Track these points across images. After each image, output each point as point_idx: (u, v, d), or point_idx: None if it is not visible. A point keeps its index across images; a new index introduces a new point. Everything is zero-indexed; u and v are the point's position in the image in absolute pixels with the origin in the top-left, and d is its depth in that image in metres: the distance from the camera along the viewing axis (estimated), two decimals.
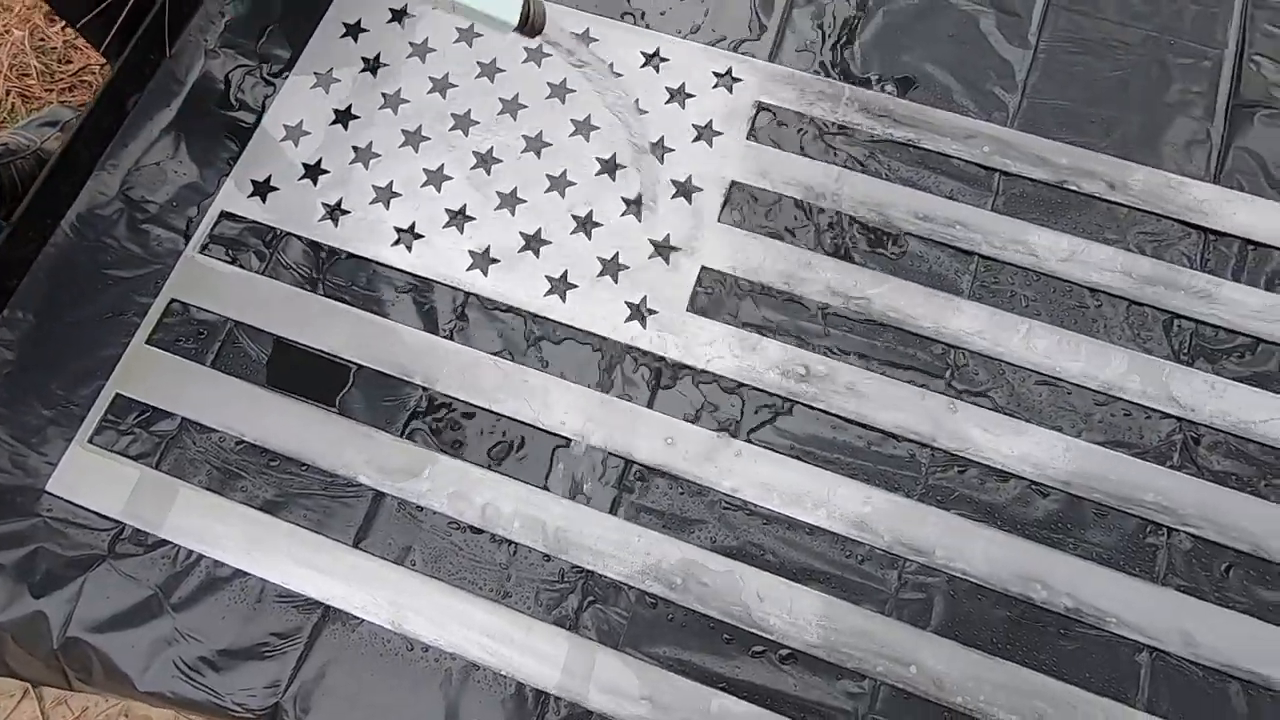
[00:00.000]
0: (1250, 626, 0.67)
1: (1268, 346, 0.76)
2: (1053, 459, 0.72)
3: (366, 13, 0.92)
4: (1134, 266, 0.79)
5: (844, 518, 0.70)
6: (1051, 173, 0.83)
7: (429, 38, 0.91)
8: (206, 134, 0.88)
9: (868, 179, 0.84)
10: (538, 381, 0.76)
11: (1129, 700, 0.65)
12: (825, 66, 0.89)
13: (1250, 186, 0.83)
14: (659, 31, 0.90)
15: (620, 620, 0.68)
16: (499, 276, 0.80)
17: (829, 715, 0.65)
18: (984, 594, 0.68)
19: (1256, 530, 0.69)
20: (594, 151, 0.85)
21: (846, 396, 0.75)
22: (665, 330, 0.78)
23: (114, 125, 0.88)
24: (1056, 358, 0.76)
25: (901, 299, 0.78)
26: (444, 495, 0.72)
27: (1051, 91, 0.87)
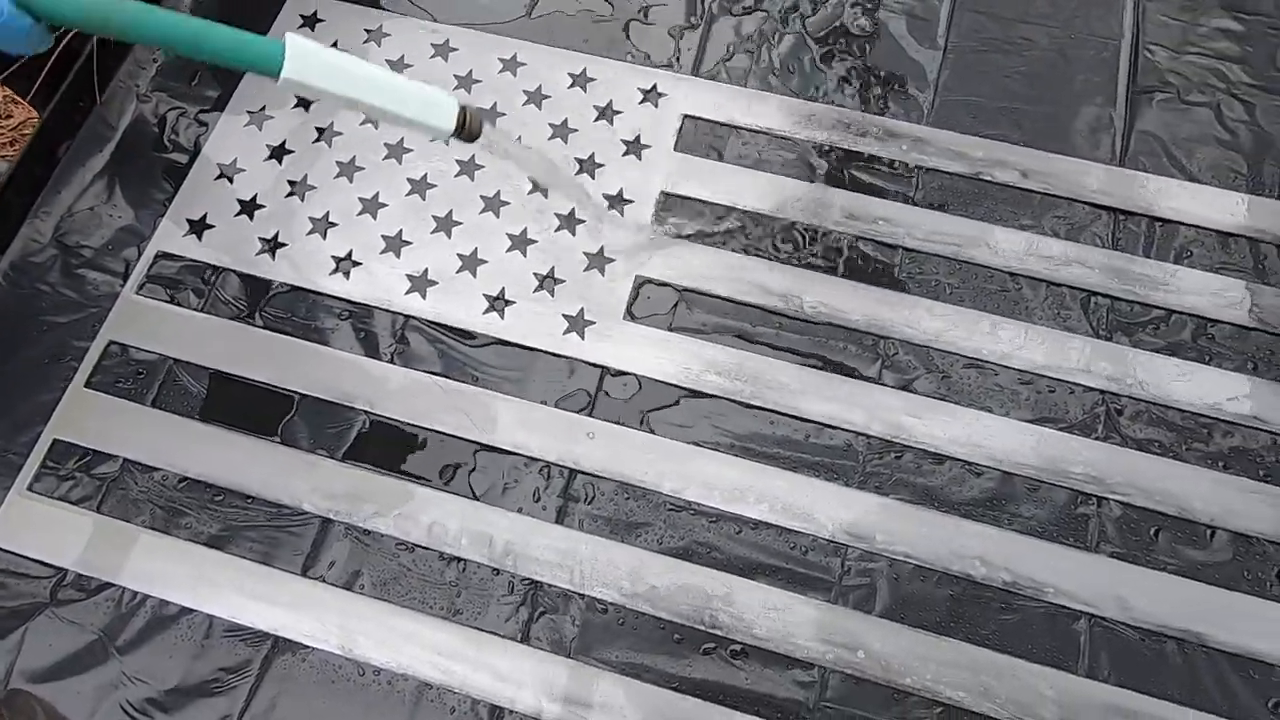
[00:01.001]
0: (1181, 586, 0.69)
1: (1179, 317, 0.80)
2: (984, 439, 0.74)
3: None
4: (1050, 249, 0.83)
5: (786, 510, 0.72)
6: (967, 165, 0.87)
7: None
8: (141, 177, 0.89)
9: (794, 182, 0.87)
10: (480, 398, 0.77)
11: (1070, 667, 0.66)
12: (747, 77, 0.92)
13: (1153, 167, 0.87)
14: (584, 53, 0.94)
15: (571, 629, 0.68)
16: (437, 298, 0.82)
17: (782, 706, 0.66)
18: (926, 575, 0.70)
19: (1181, 493, 0.72)
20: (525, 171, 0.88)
21: (783, 392, 0.77)
22: (604, 340, 0.79)
23: (45, 173, 0.88)
24: (982, 341, 0.78)
25: (832, 295, 0.80)
26: (390, 517, 0.72)
27: (962, 89, 0.91)
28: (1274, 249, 0.83)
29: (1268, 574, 0.69)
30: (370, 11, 0.97)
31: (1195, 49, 0.93)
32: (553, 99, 0.92)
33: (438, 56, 0.94)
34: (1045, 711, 0.65)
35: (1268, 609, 0.68)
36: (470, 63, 0.94)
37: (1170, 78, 0.91)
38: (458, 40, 0.95)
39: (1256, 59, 0.93)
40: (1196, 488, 0.72)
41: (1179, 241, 0.83)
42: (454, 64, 0.94)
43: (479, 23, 0.96)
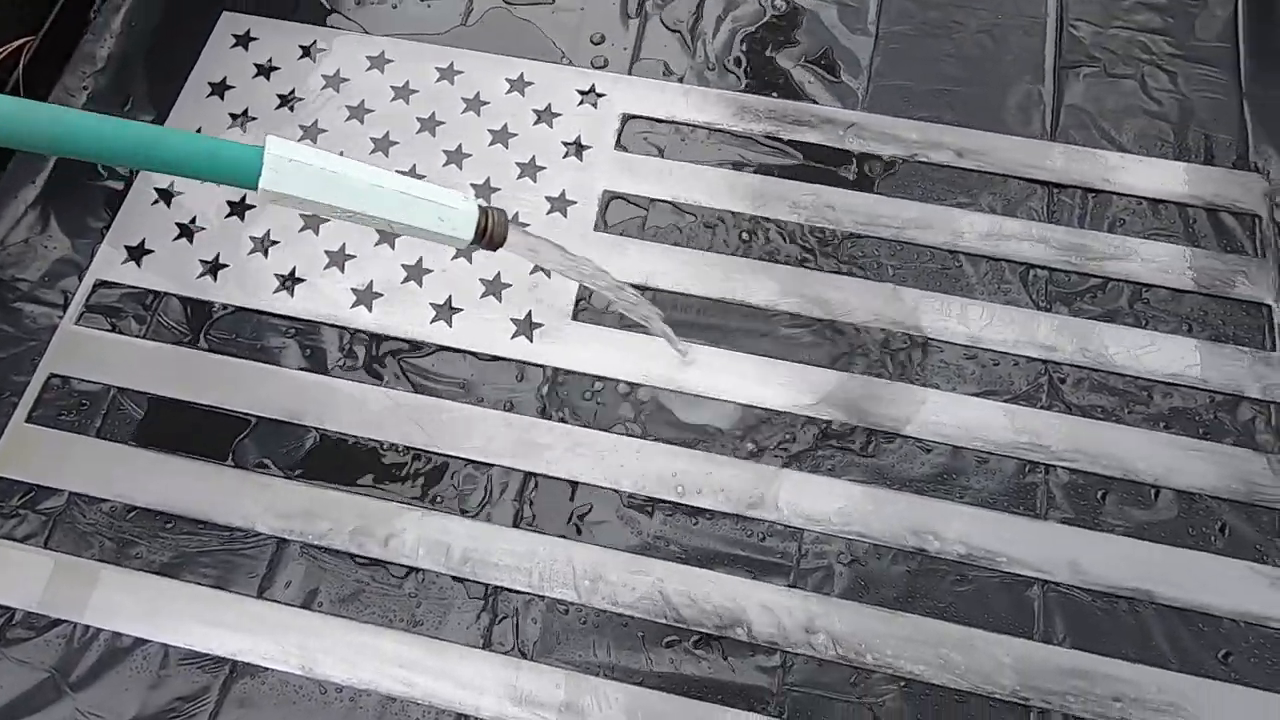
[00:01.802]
0: (1130, 547, 0.70)
1: (1116, 284, 0.81)
2: (932, 415, 0.75)
3: (231, 70, 0.93)
4: (987, 226, 0.84)
5: (740, 499, 0.72)
6: (903, 148, 0.88)
7: (295, 88, 0.92)
8: (76, 205, 0.87)
9: (736, 174, 0.87)
10: (431, 407, 0.76)
11: (1027, 633, 0.67)
12: (685, 73, 0.93)
13: (1083, 140, 0.88)
14: (521, 58, 0.94)
15: (533, 632, 0.68)
16: (384, 310, 0.81)
17: (747, 693, 0.66)
18: (882, 553, 0.70)
19: (1125, 455, 0.73)
20: (468, 178, 0.87)
21: (736, 380, 0.77)
22: (553, 341, 0.79)
23: None
24: (926, 319, 0.79)
25: (778, 283, 0.81)
26: (346, 532, 0.72)
27: (895, 73, 0.92)
28: (1203, 213, 0.85)
29: (1211, 529, 0.71)
30: (304, 27, 0.96)
31: (1119, 23, 0.96)
32: (491, 105, 0.92)
33: (374, 69, 0.93)
34: (1004, 679, 0.66)
35: (1213, 563, 0.69)
36: (407, 73, 0.93)
37: (1096, 52, 0.93)
38: (393, 52, 0.94)
39: (1178, 30, 0.95)
40: (1140, 449, 0.74)
41: (1112, 211, 0.85)
42: (390, 75, 0.93)
43: (414, 33, 0.96)
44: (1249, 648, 0.67)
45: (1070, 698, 0.65)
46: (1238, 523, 0.71)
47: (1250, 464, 0.73)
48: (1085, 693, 0.65)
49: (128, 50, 0.95)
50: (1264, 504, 0.71)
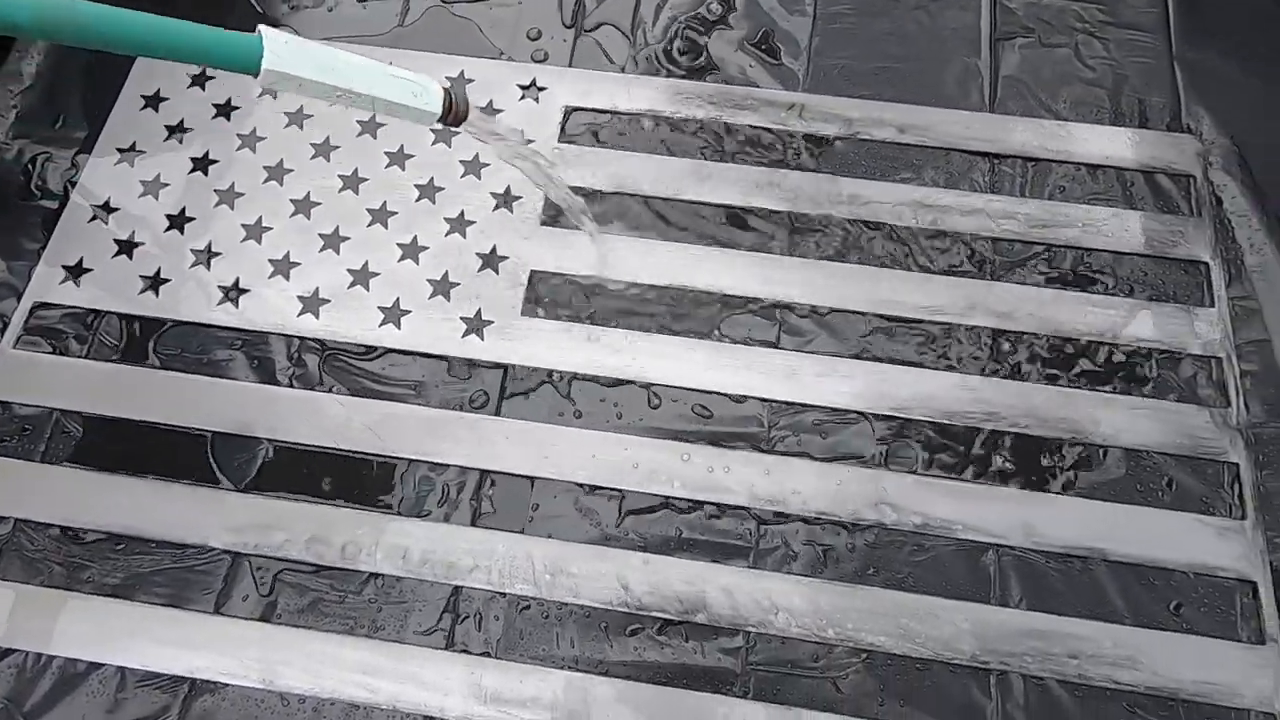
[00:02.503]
0: (1081, 507, 0.71)
1: (1058, 250, 0.82)
2: (885, 390, 0.75)
3: (165, 81, 0.92)
4: (931, 199, 0.85)
5: (697, 484, 0.72)
6: (845, 127, 0.89)
7: (232, 97, 0.91)
8: (10, 228, 0.85)
9: (680, 160, 0.87)
10: (383, 411, 0.75)
11: (984, 598, 0.68)
12: (625, 62, 0.92)
13: (1021, 110, 0.89)
14: (461, 55, 0.93)
15: (496, 629, 0.68)
16: (331, 316, 0.80)
17: (711, 676, 0.66)
18: (840, 528, 0.71)
19: (1073, 417, 0.74)
20: (411, 179, 0.86)
21: (687, 367, 0.77)
22: (504, 338, 0.79)
23: None
24: (874, 294, 0.80)
25: (726, 268, 0.81)
26: (302, 542, 0.71)
27: (834, 53, 0.92)
28: (1140, 176, 0.87)
29: (1159, 484, 0.72)
30: None
31: None
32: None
33: None
34: (963, 644, 0.67)
35: (1162, 518, 0.71)
36: None
37: (1030, 23, 0.94)
38: None
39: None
40: (1087, 411, 0.75)
41: (1052, 178, 0.86)
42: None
43: (351, 35, 0.95)
44: (1198, 598, 0.68)
45: (1028, 658, 0.66)
46: (1184, 477, 0.72)
47: (1194, 419, 0.74)
48: (1042, 652, 0.66)
49: (56, 66, 0.93)
50: (1208, 457, 0.73)
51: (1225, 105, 0.89)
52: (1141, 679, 0.65)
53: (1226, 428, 0.74)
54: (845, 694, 0.65)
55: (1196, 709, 0.65)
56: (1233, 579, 0.69)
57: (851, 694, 0.65)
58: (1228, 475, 0.72)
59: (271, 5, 0.97)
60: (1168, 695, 0.65)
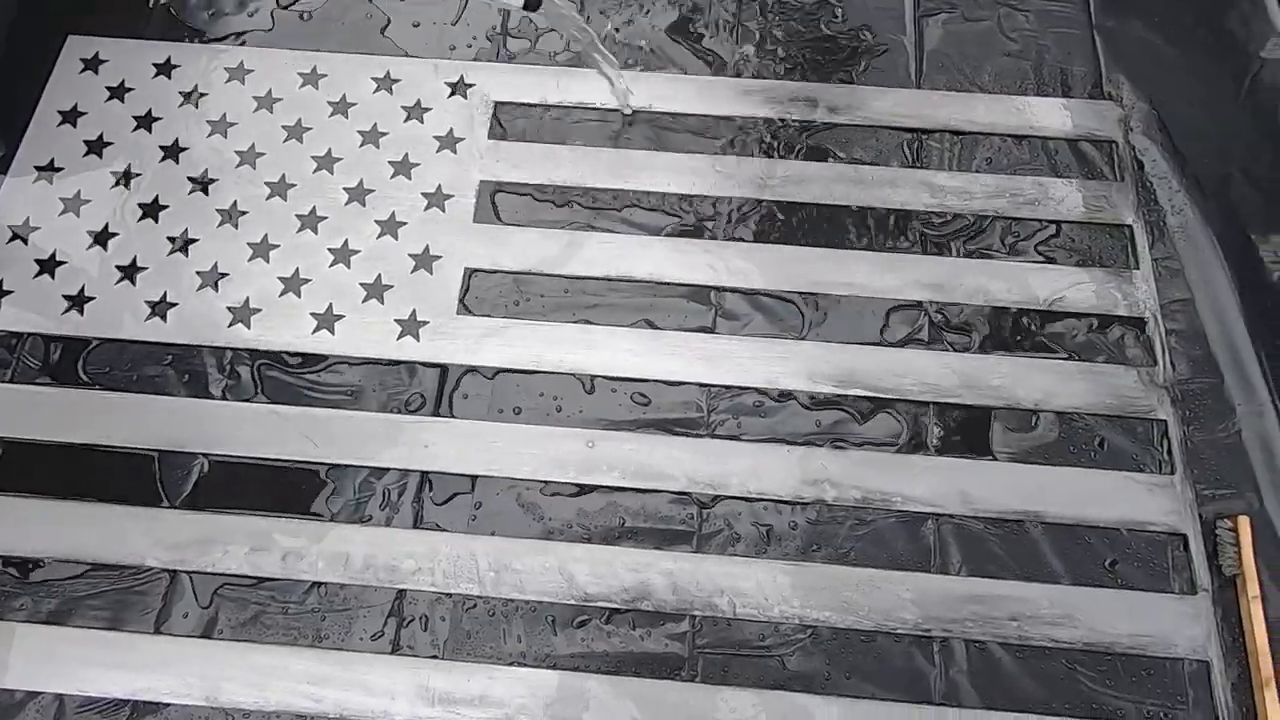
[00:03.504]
0: (1016, 471, 0.72)
1: (987, 221, 0.83)
2: (820, 367, 0.76)
3: (82, 96, 0.89)
4: (862, 176, 0.85)
5: (639, 472, 0.72)
6: (777, 109, 0.89)
7: (152, 108, 0.89)
8: None
9: (613, 151, 0.87)
10: (320, 419, 0.74)
11: (925, 567, 0.69)
12: (554, 55, 0.92)
13: (947, 84, 0.90)
14: (386, 55, 0.92)
15: (443, 629, 0.67)
16: (263, 325, 0.79)
17: (661, 662, 0.66)
18: (781, 507, 0.71)
19: (1005, 384, 0.75)
20: (340, 183, 0.85)
21: (625, 356, 0.77)
22: (440, 338, 0.78)
23: None
24: (808, 273, 0.80)
25: (662, 258, 0.81)
26: (241, 555, 0.70)
27: (765, 36, 0.93)
28: (1064, 144, 0.88)
29: (1091, 445, 0.73)
30: (156, 44, 0.92)
31: None
32: (359, 106, 0.89)
33: (234, 80, 0.90)
34: (906, 613, 0.67)
35: (1095, 477, 0.72)
36: (268, 82, 0.90)
37: None
38: (252, 61, 0.91)
39: None
40: (1019, 377, 0.76)
41: (979, 151, 0.87)
42: (251, 85, 0.90)
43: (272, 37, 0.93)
44: (1132, 553, 0.69)
45: (969, 623, 0.67)
46: (1114, 436, 0.74)
47: (1123, 379, 0.76)
48: (983, 617, 0.67)
49: None
50: (1137, 415, 0.75)
51: (1145, 71, 0.91)
52: (1079, 636, 0.67)
53: (1154, 386, 0.76)
54: (793, 671, 0.66)
55: (1133, 661, 0.66)
56: (1164, 533, 0.70)
57: (799, 671, 0.66)
58: (1156, 432, 0.74)
59: (191, 14, 0.95)
60: (1104, 650, 0.66)
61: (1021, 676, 0.65)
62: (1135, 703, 0.65)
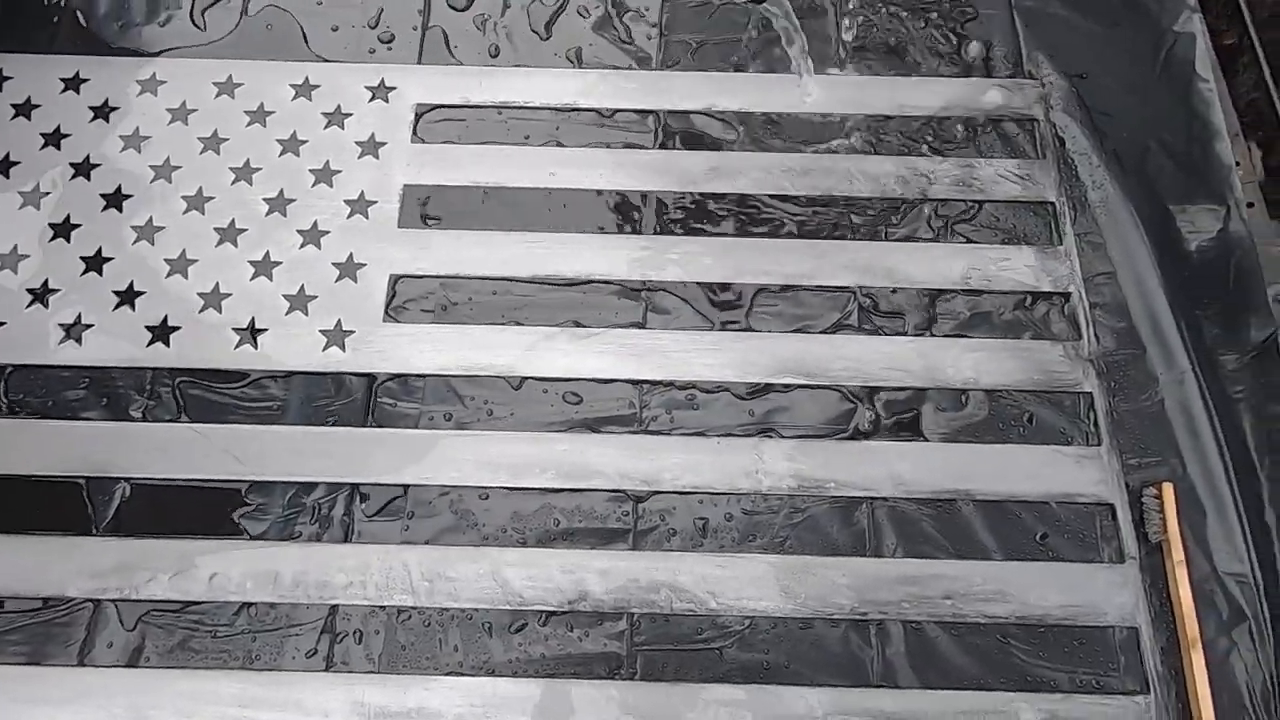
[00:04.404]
0: (947, 451, 0.73)
1: (912, 204, 0.83)
2: (751, 357, 0.76)
3: None
4: (788, 164, 0.84)
5: (572, 472, 0.71)
6: (700, 101, 0.87)
7: (61, 124, 0.86)
8: None
9: (536, 150, 0.86)
10: (245, 435, 0.73)
11: (860, 551, 0.69)
12: (475, 55, 0.90)
13: (872, 69, 0.90)
14: (303, 61, 0.90)
15: (376, 644, 0.66)
16: (183, 343, 0.77)
17: (600, 662, 0.66)
18: (716, 500, 0.71)
19: (934, 365, 0.76)
20: (259, 193, 0.83)
21: (555, 356, 0.76)
22: (367, 347, 0.77)
23: None
24: (737, 264, 0.79)
25: (589, 254, 0.80)
26: (166, 580, 0.68)
27: (686, 29, 0.90)
28: (987, 124, 0.86)
29: (1019, 420, 0.74)
30: (64, 59, 0.89)
31: None
32: (277, 114, 0.87)
33: (146, 93, 0.87)
34: (842, 599, 0.68)
35: (1024, 452, 0.73)
36: (183, 93, 0.87)
37: None
38: (165, 72, 0.89)
39: None
40: (947, 357, 0.76)
41: (904, 133, 0.86)
42: (165, 97, 0.88)
43: (189, 47, 0.90)
44: (1061, 525, 0.70)
45: (905, 605, 0.67)
46: (1041, 411, 0.75)
47: (1048, 354, 0.77)
48: (918, 597, 0.68)
49: None
50: (1063, 389, 0.75)
51: (1063, 49, 0.92)
52: (1012, 610, 0.67)
53: (1079, 359, 0.77)
54: (732, 663, 0.66)
55: (1065, 632, 0.67)
56: (1092, 504, 0.71)
57: (738, 662, 0.66)
58: (1083, 405, 0.75)
59: (103, 26, 0.92)
60: (1036, 622, 0.67)
61: (957, 654, 0.66)
62: (1068, 672, 0.66)
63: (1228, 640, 0.67)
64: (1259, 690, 0.65)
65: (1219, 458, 0.73)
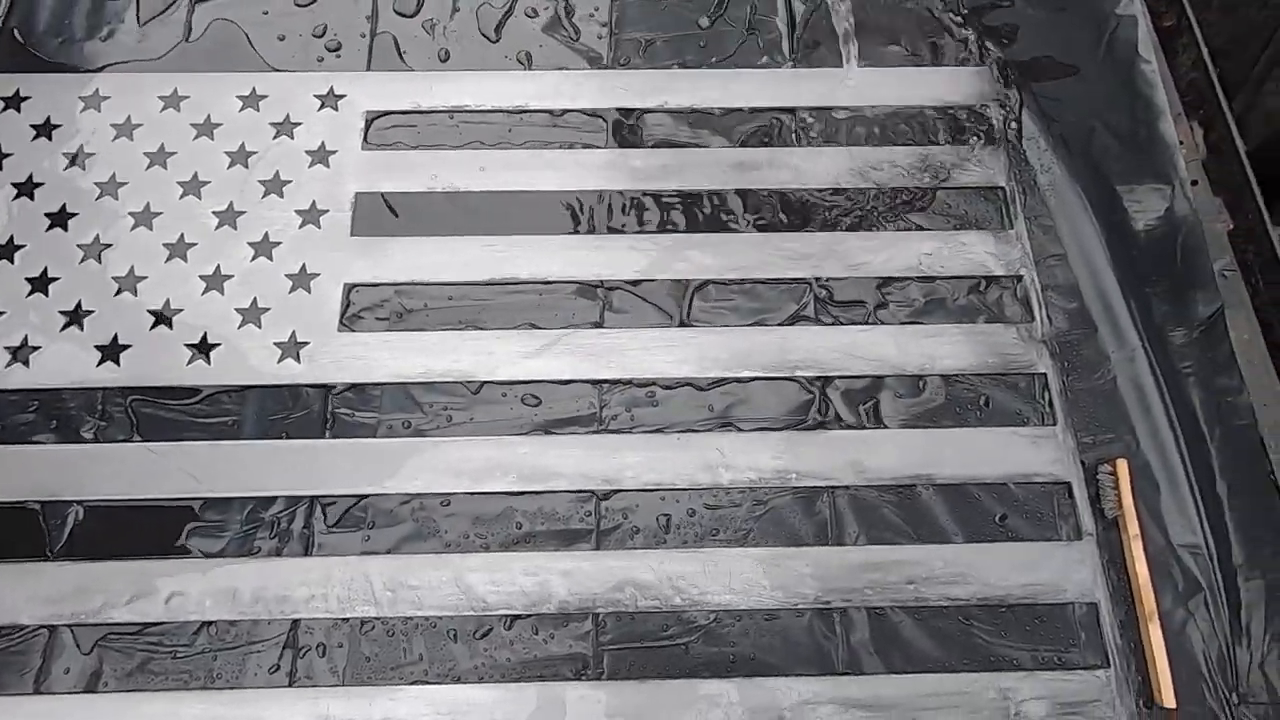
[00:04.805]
0: (905, 437, 0.73)
1: (864, 193, 0.83)
2: (709, 352, 0.76)
3: None
4: (740, 159, 0.84)
5: (533, 475, 0.71)
6: (651, 98, 0.87)
7: (2, 144, 0.84)
8: None
9: (489, 153, 0.85)
10: (201, 452, 0.72)
11: (823, 541, 0.69)
12: (424, 60, 0.90)
13: (821, 62, 0.91)
14: (250, 71, 0.89)
15: (340, 656, 0.66)
16: (134, 362, 0.75)
17: (564, 664, 0.65)
18: (678, 496, 0.71)
19: (890, 354, 0.76)
20: (209, 206, 0.82)
21: (514, 359, 0.76)
22: (322, 357, 0.76)
23: None
24: (693, 260, 0.79)
25: (546, 254, 0.79)
26: (123, 603, 0.67)
27: (635, 27, 0.91)
28: (936, 112, 0.87)
29: (976, 404, 0.75)
30: (5, 77, 0.87)
31: None
32: (225, 126, 0.86)
33: (89, 109, 0.86)
34: (806, 588, 0.68)
35: (980, 435, 0.73)
36: (127, 108, 0.86)
37: None
38: (109, 87, 0.87)
39: None
40: (904, 344, 0.77)
41: (856, 125, 0.86)
42: (109, 113, 0.86)
43: (131, 61, 0.89)
44: (1020, 505, 0.71)
45: (868, 591, 0.68)
46: (998, 393, 0.76)
47: (1002, 337, 0.78)
48: (881, 584, 0.68)
49: None
50: (1018, 371, 0.76)
51: (1011, 35, 0.93)
52: (974, 592, 0.68)
53: (1033, 341, 0.78)
54: (698, 658, 0.66)
55: (1027, 610, 0.68)
56: (1049, 483, 0.72)
57: (705, 657, 0.66)
58: (1037, 386, 0.76)
59: (41, 43, 0.90)
60: (998, 603, 0.67)
61: (920, 638, 0.66)
62: (1030, 650, 0.67)
63: (1184, 611, 0.68)
64: (1215, 658, 0.66)
65: (1170, 432, 0.74)
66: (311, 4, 0.92)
